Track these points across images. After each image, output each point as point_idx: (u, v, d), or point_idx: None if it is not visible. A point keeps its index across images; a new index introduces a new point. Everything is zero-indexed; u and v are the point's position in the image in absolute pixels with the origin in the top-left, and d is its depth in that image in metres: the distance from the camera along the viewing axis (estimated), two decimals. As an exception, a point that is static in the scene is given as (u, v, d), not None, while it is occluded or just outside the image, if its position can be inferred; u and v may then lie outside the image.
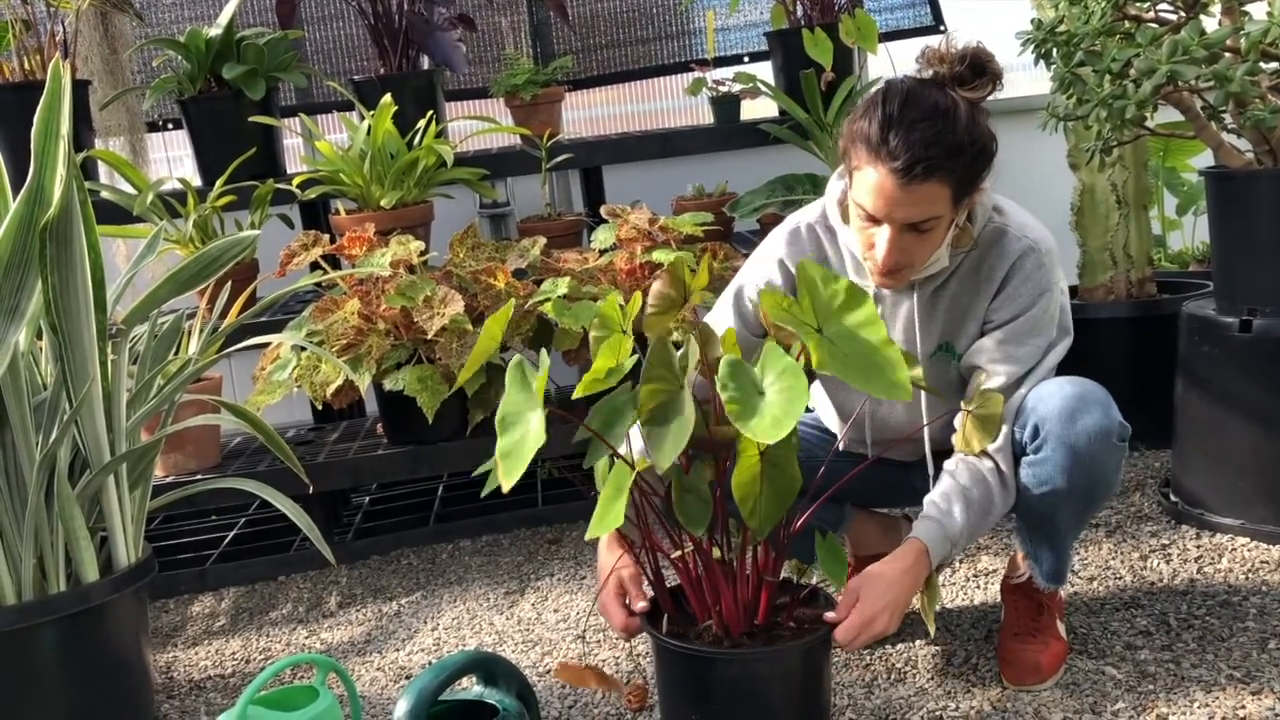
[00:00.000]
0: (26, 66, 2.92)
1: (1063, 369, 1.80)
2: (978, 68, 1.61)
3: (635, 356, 1.56)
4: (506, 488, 1.48)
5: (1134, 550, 2.26)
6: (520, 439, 1.50)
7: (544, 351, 1.59)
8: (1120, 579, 2.14)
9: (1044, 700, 1.74)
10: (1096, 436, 1.67)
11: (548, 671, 2.03)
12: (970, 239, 1.73)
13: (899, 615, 1.61)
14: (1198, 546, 2.24)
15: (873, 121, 1.58)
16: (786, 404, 1.38)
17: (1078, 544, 2.30)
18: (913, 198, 1.57)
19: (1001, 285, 1.72)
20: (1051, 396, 1.69)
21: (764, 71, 3.29)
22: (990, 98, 1.64)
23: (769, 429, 1.36)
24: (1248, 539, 2.24)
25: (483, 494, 1.50)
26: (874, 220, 1.63)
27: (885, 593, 1.59)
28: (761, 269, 1.85)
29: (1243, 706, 1.66)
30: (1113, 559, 2.23)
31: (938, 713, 1.74)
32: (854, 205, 1.65)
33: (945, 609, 2.10)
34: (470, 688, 1.64)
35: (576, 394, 1.57)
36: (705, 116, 3.43)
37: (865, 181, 1.60)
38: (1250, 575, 2.09)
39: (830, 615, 1.60)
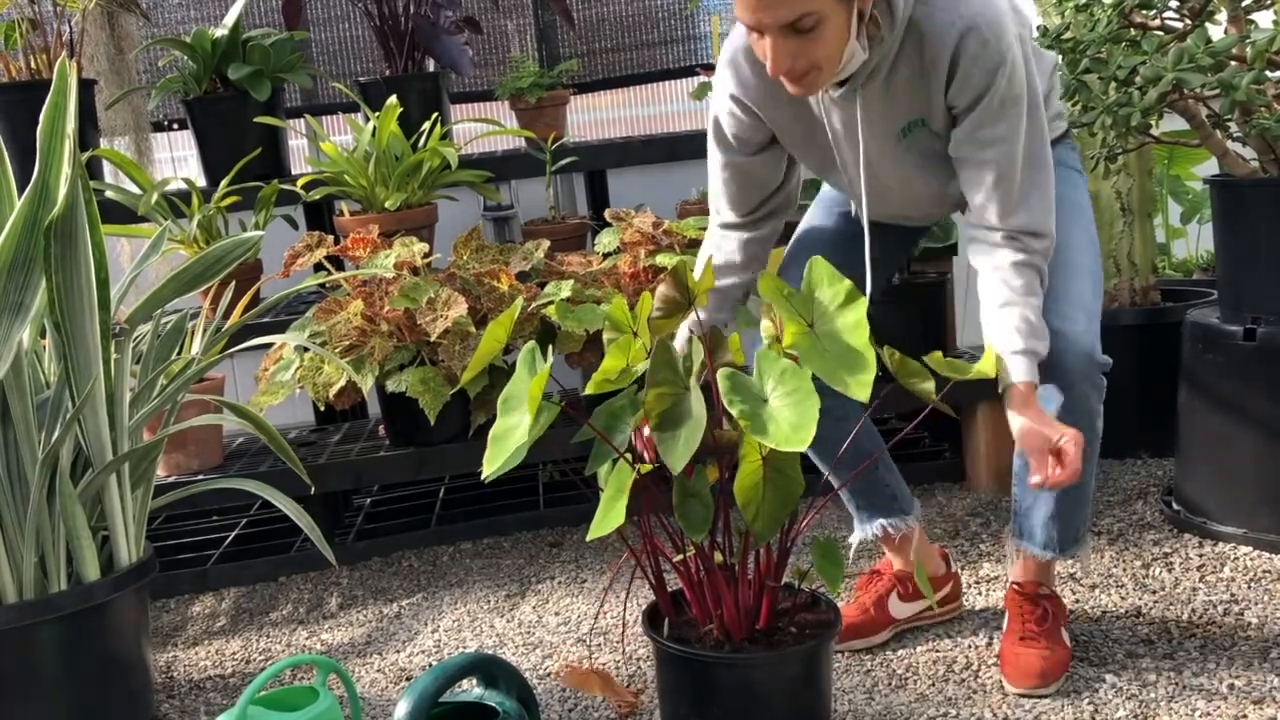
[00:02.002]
0: (33, 65, 2.93)
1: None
2: None
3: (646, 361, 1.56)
4: (487, 472, 1.48)
5: (1136, 558, 2.26)
6: (514, 426, 1.50)
7: (550, 348, 1.59)
8: (1122, 587, 2.14)
9: (1045, 708, 1.74)
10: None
11: (548, 674, 2.03)
12: (886, 28, 1.63)
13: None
14: (1200, 555, 2.24)
15: None
16: (800, 408, 1.39)
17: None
18: None
19: (951, 73, 1.64)
20: None
21: (769, 76, 3.29)
22: None
23: (790, 436, 1.37)
24: (1250, 548, 2.23)
25: (485, 478, 1.51)
26: (757, 32, 1.57)
27: (1050, 430, 1.57)
28: (722, 106, 1.81)
29: (1244, 715, 1.66)
30: (1115, 567, 2.23)
31: (938, 719, 1.74)
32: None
33: (947, 615, 2.10)
34: (471, 690, 1.64)
35: (587, 391, 1.58)
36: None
37: None
38: (1252, 584, 2.09)
39: (1036, 480, 1.57)
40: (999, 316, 1.66)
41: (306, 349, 2.53)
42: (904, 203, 1.88)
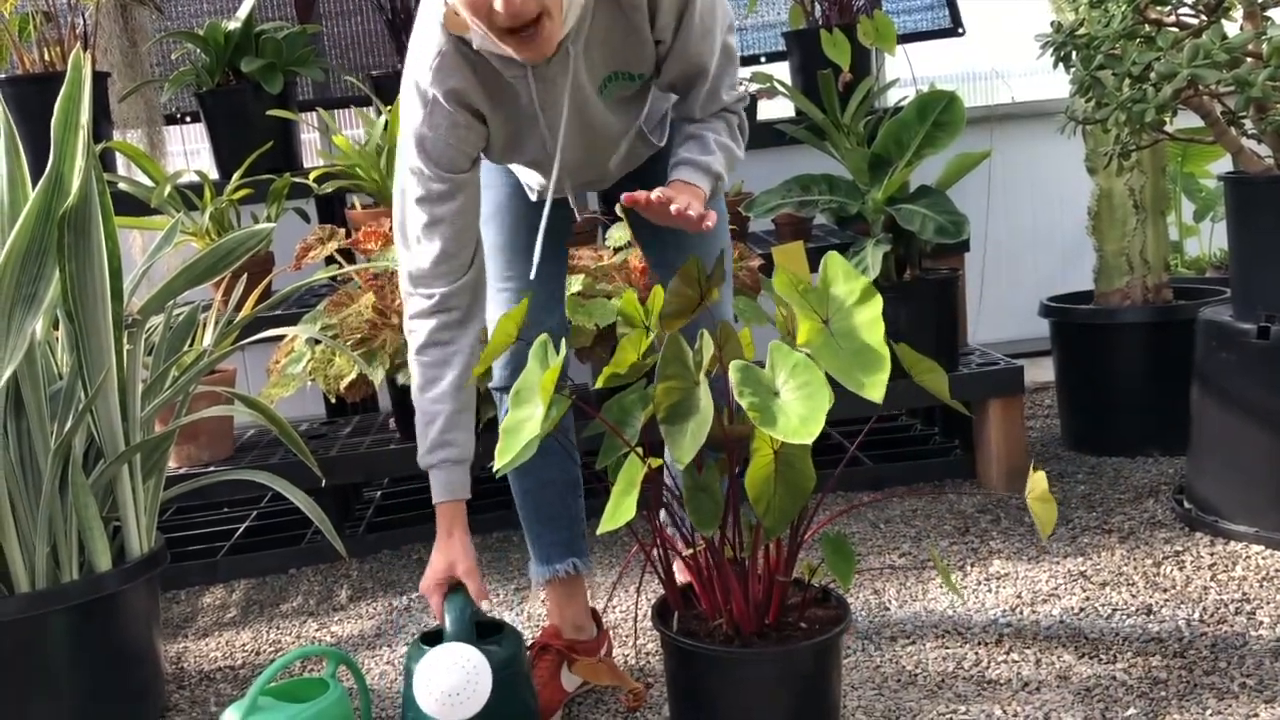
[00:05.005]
0: (47, 58, 2.94)
1: (1076, 376, 1.78)
2: None
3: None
4: (499, 465, 1.48)
5: (1147, 557, 2.25)
6: (526, 419, 1.50)
7: (564, 341, 1.59)
8: (1133, 585, 2.13)
9: (1055, 705, 1.73)
10: None
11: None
12: None
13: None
14: (1211, 554, 2.23)
15: None
16: (811, 402, 1.38)
17: (1092, 550, 2.30)
18: None
19: (653, 11, 1.62)
20: None
21: (781, 72, 3.29)
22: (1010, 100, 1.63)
23: (798, 429, 1.36)
24: (1262, 546, 2.23)
25: (496, 472, 1.51)
26: None
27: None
28: (434, 119, 1.64)
29: (1255, 714, 1.66)
30: (1125, 565, 2.22)
31: (948, 715, 1.74)
32: None
33: (955, 611, 2.09)
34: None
35: (598, 385, 1.58)
36: (722, 116, 3.42)
37: None
38: (1264, 583, 2.08)
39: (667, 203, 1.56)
40: (688, 142, 1.72)
41: (318, 342, 2.54)
42: (603, 155, 1.81)
